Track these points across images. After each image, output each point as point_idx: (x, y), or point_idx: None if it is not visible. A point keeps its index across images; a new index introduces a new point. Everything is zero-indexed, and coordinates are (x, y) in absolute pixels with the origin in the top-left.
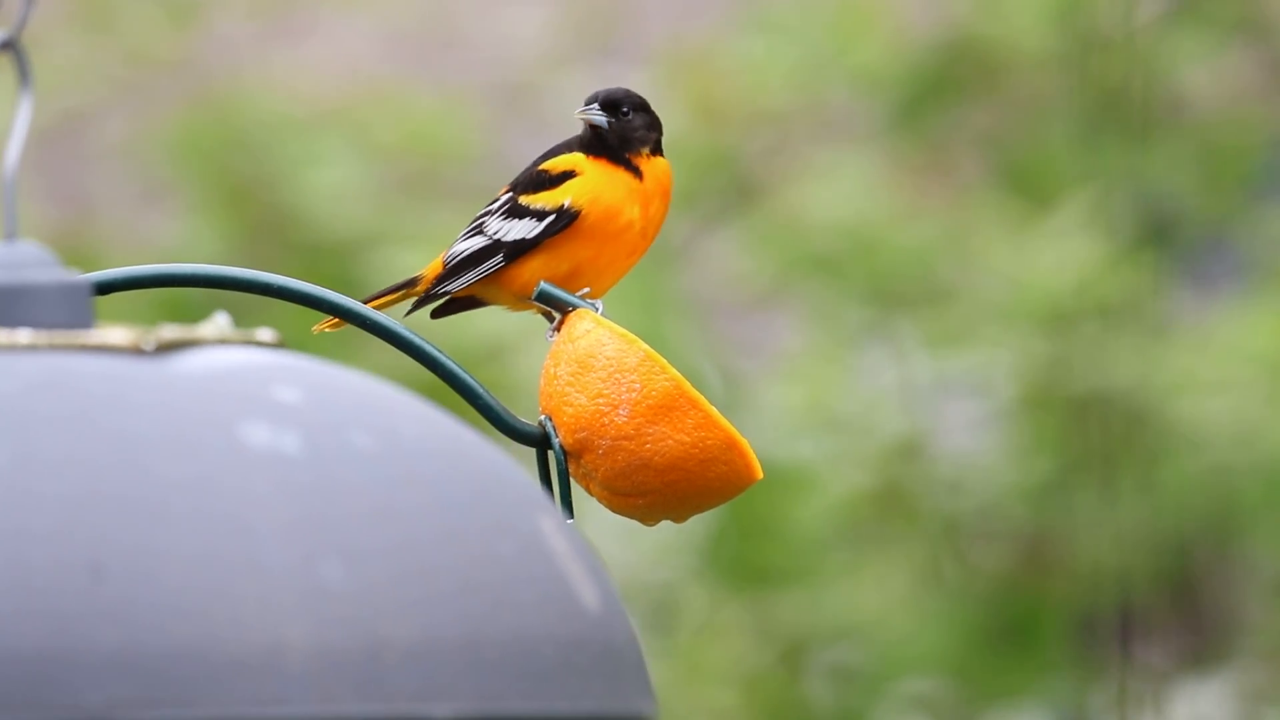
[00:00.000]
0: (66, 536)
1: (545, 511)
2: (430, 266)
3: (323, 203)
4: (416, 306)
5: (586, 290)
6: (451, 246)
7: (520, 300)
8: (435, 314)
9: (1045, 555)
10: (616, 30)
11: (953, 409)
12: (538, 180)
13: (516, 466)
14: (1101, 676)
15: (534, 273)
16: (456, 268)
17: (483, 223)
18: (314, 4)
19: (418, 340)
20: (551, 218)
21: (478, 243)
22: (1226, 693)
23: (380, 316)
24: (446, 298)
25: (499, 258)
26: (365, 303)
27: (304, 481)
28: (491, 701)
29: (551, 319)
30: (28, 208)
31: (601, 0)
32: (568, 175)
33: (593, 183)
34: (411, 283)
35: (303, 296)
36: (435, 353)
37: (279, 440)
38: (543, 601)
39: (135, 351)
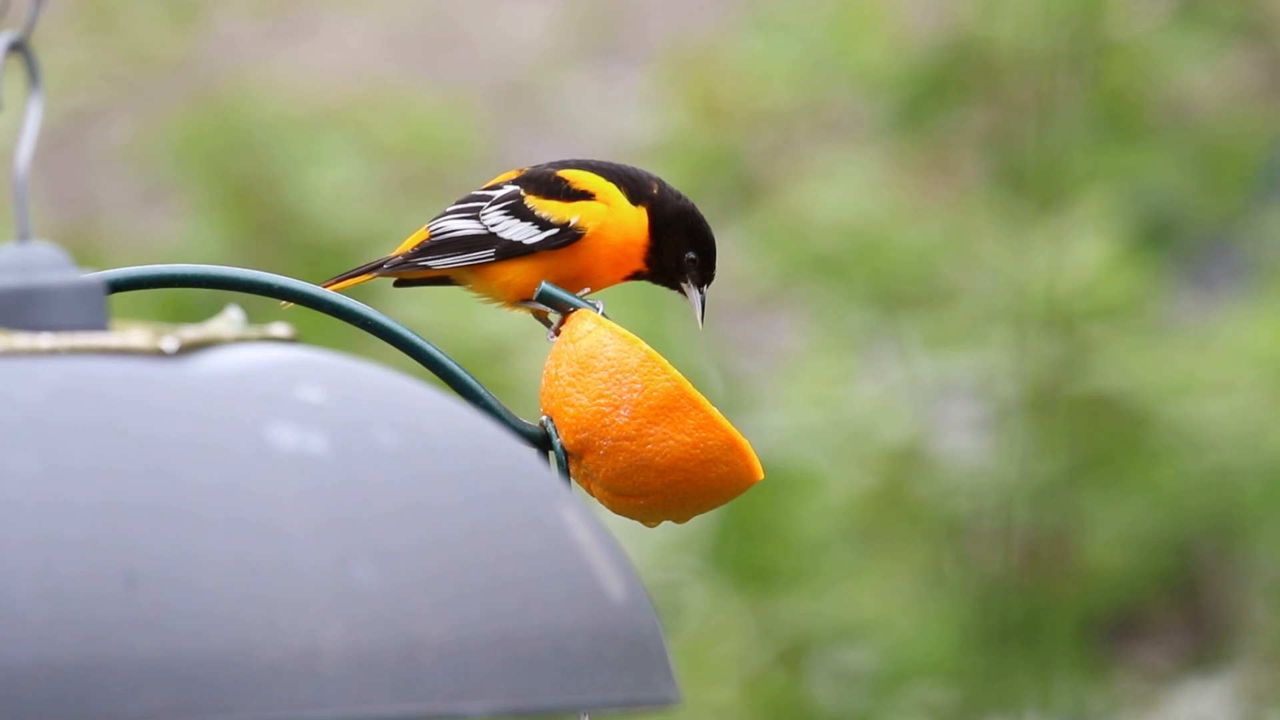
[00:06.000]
0: (99, 546)
1: (569, 503)
2: (411, 239)
3: (325, 203)
4: (387, 272)
5: (587, 290)
6: (439, 220)
7: (494, 293)
8: (399, 284)
9: (1047, 555)
10: (618, 30)
11: (955, 410)
12: (552, 186)
13: (538, 459)
14: (1103, 677)
15: (518, 274)
16: (443, 245)
17: (478, 209)
18: (315, 4)
19: (419, 340)
20: (554, 231)
21: (471, 228)
22: (1228, 694)
23: (381, 317)
24: (421, 269)
25: (490, 252)
26: (327, 285)
27: (332, 483)
28: (524, 697)
29: (547, 322)
30: (32, 209)
31: (603, 0)
32: (585, 195)
33: (607, 215)
34: (378, 265)
35: (304, 297)
36: (436, 353)
37: (305, 442)
38: (571, 595)
39: (156, 354)
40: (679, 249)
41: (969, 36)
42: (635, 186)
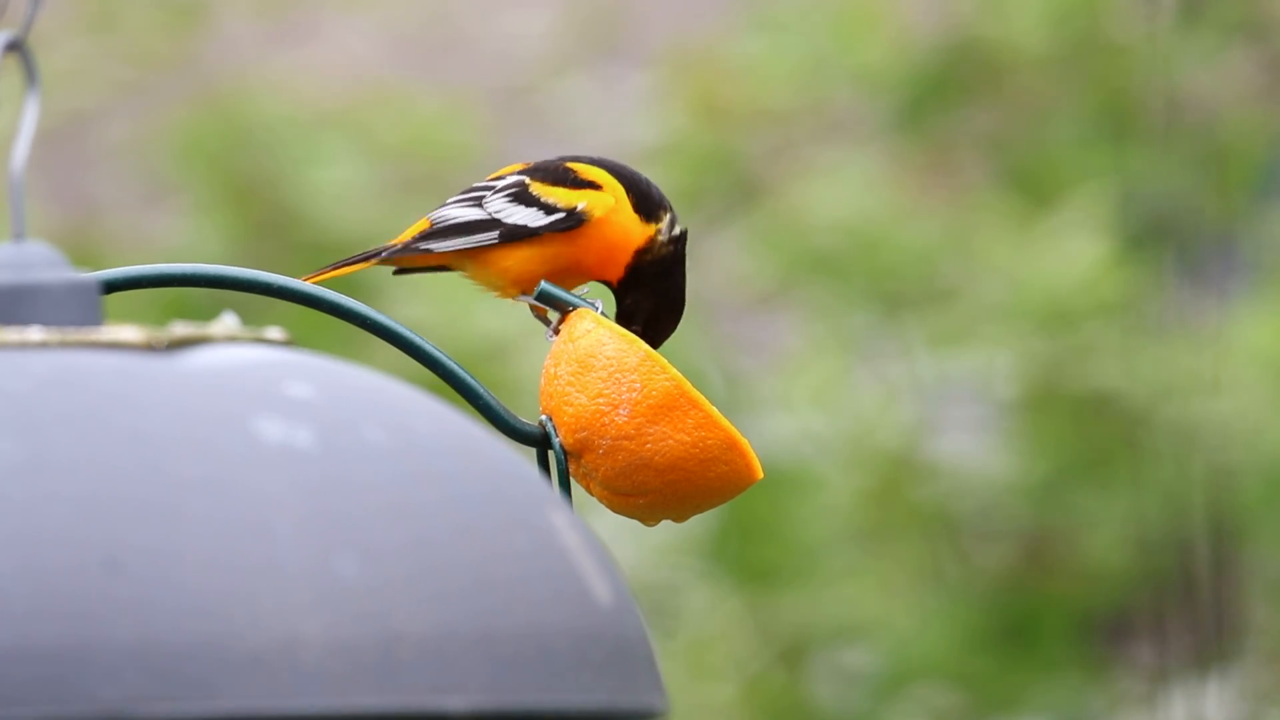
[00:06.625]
0: (82, 535)
1: (557, 507)
2: (411, 229)
3: (326, 203)
4: (386, 259)
5: (586, 289)
6: (440, 209)
7: (492, 280)
8: (398, 271)
9: (1047, 555)
10: (619, 32)
11: (954, 408)
12: (559, 175)
13: (527, 463)
14: (1102, 676)
15: (518, 260)
16: (446, 230)
17: (481, 197)
18: (317, 5)
19: (418, 340)
20: (560, 215)
21: (473, 214)
22: (1228, 694)
23: (380, 316)
24: (422, 253)
25: (494, 235)
26: (321, 273)
27: (318, 477)
28: (505, 695)
29: (546, 321)
30: (33, 208)
31: (604, 2)
32: (591, 185)
33: (612, 205)
34: (371, 254)
35: (304, 297)
36: (436, 352)
37: (292, 436)
38: (556, 596)
39: (147, 349)
40: (638, 307)
41: (970, 36)
42: (646, 204)
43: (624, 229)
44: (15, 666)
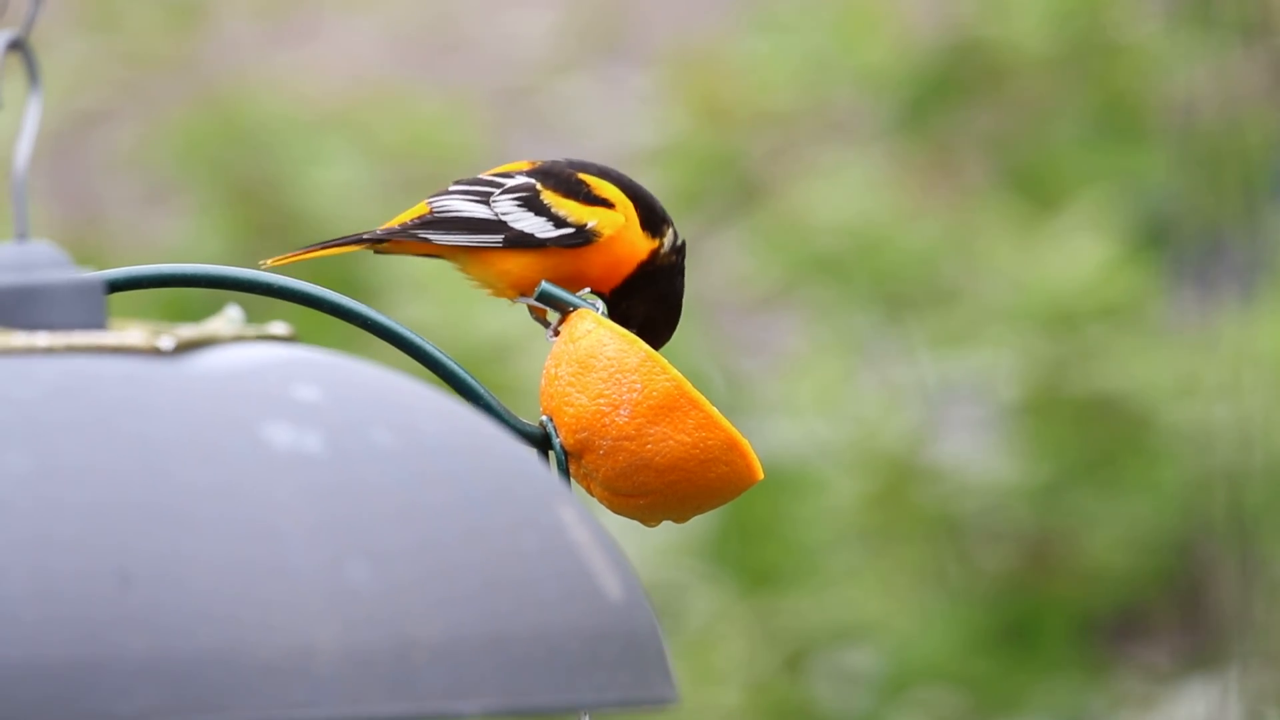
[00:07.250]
0: (92, 544)
1: (566, 502)
2: (409, 212)
3: (327, 204)
4: (380, 238)
5: (587, 290)
6: (442, 197)
7: (489, 279)
8: (379, 250)
9: (1049, 557)
10: (621, 32)
11: (957, 410)
12: (572, 186)
13: (535, 458)
14: (1104, 677)
15: (518, 265)
16: (448, 223)
17: (488, 194)
18: (318, 5)
19: (419, 341)
20: (569, 230)
21: (478, 211)
22: (1228, 694)
23: (381, 317)
24: (420, 241)
25: (498, 239)
26: (314, 249)
27: (328, 482)
28: (519, 697)
29: (545, 322)
30: (34, 209)
31: (606, 2)
32: (605, 203)
33: (623, 224)
34: (364, 237)
35: (304, 297)
36: (436, 353)
37: (301, 441)
38: (567, 595)
39: (153, 352)
40: (633, 312)
41: (972, 37)
42: (651, 217)
43: (631, 245)
44: (26, 680)
